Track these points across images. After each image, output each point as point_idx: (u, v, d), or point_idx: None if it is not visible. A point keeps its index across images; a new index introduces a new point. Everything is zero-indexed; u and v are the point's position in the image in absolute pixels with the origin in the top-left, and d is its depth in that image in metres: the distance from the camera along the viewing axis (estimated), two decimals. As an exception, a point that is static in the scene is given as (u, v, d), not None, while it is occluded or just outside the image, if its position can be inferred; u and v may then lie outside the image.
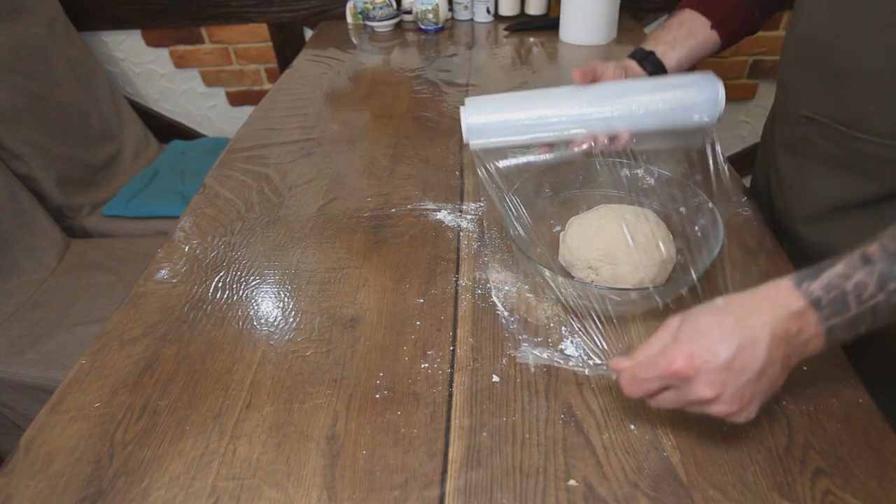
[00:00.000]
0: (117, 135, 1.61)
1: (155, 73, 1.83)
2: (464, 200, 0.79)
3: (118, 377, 0.57)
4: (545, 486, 0.46)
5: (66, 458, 0.50)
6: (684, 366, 0.41)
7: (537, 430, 0.50)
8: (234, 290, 0.66)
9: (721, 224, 0.59)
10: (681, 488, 0.45)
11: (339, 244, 0.73)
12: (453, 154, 0.91)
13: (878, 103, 0.55)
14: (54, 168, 1.38)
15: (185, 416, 0.53)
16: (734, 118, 1.83)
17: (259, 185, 0.85)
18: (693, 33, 0.73)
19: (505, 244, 0.70)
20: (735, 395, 0.41)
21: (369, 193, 0.82)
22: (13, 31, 1.37)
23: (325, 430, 0.51)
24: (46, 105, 1.40)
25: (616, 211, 0.63)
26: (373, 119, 1.03)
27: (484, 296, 0.64)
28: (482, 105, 0.65)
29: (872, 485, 0.44)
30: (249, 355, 0.58)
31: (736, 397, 0.41)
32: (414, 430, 0.50)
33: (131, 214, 1.43)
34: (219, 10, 1.68)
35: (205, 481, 0.47)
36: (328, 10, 1.65)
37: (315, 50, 1.39)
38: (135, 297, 0.66)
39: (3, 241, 1.20)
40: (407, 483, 0.46)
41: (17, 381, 1.04)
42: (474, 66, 1.25)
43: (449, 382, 0.54)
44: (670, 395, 0.43)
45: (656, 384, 0.43)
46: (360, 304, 0.63)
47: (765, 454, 0.47)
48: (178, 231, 0.76)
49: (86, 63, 1.58)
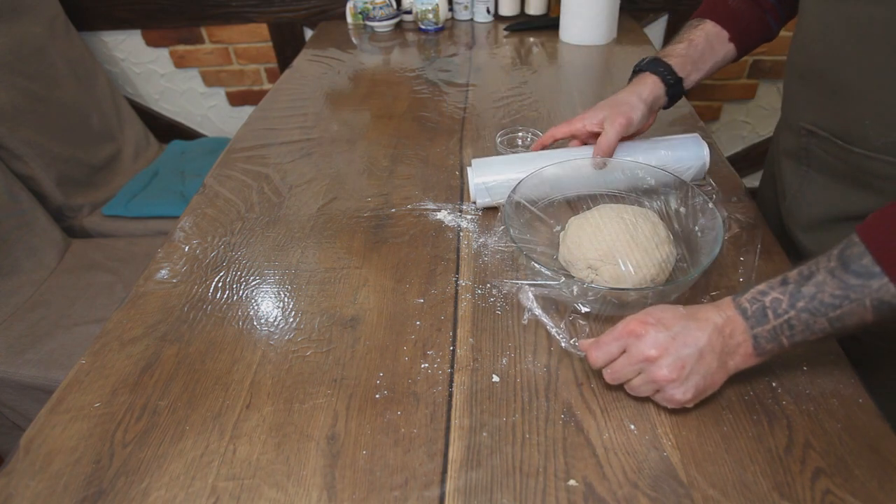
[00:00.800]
0: (117, 135, 1.61)
1: (155, 73, 1.83)
2: (464, 200, 0.79)
3: (118, 377, 0.57)
4: (545, 486, 0.46)
5: (66, 458, 0.50)
6: (637, 325, 0.49)
7: (537, 430, 0.50)
8: (234, 290, 0.66)
9: (721, 224, 0.59)
10: (681, 488, 0.45)
11: (339, 244, 0.73)
12: (453, 154, 0.91)
13: (873, 119, 0.55)
14: (54, 168, 1.38)
15: (185, 416, 0.53)
16: (734, 118, 1.83)
17: (259, 185, 0.86)
18: (714, 48, 0.73)
19: (505, 244, 0.70)
20: (675, 363, 0.47)
21: (369, 193, 0.82)
22: (13, 31, 1.37)
23: (325, 430, 0.51)
24: (46, 105, 1.40)
25: (616, 211, 0.63)
26: (373, 119, 1.03)
27: (484, 296, 0.64)
28: (487, 166, 0.74)
29: (872, 485, 0.44)
30: (249, 355, 0.58)
31: (676, 365, 0.47)
32: (414, 430, 0.50)
33: (131, 214, 1.43)
34: (219, 10, 1.68)
35: (205, 481, 0.47)
36: (328, 10, 1.65)
37: (315, 50, 1.39)
38: (135, 297, 0.66)
39: (3, 241, 1.20)
40: (407, 483, 0.46)
41: (17, 381, 1.04)
42: (474, 66, 1.25)
43: (449, 382, 0.54)
44: (623, 360, 0.49)
45: (615, 346, 0.50)
46: (360, 304, 0.63)
47: (765, 454, 0.47)
48: (178, 231, 0.76)
49: (86, 63, 1.58)
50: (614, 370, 0.50)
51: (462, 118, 1.02)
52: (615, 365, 0.50)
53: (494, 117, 1.01)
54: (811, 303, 0.45)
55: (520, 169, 0.71)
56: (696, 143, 0.75)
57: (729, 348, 0.48)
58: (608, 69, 1.22)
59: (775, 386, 0.52)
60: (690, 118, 0.98)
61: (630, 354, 0.49)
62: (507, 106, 1.05)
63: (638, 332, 0.49)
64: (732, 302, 0.49)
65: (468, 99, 1.09)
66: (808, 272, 0.46)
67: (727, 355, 0.48)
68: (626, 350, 0.49)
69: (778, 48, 1.64)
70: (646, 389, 0.49)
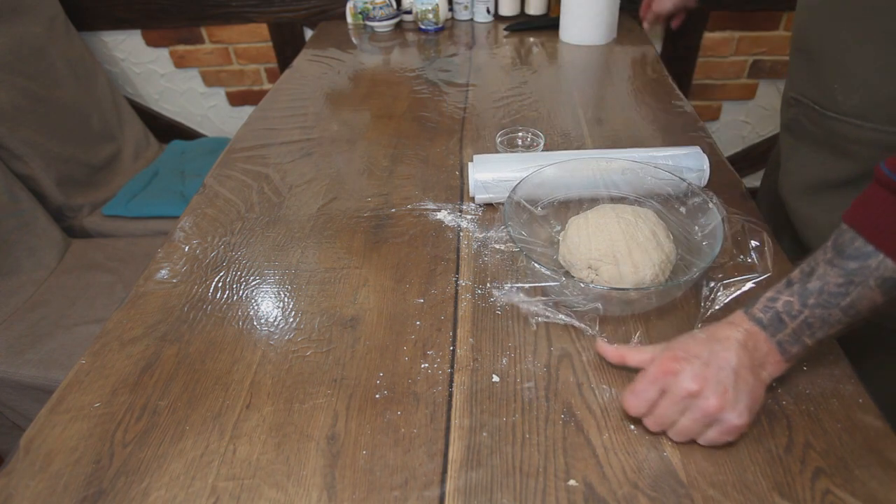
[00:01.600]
0: (117, 135, 1.61)
1: (155, 73, 1.83)
2: (464, 200, 0.79)
3: (118, 377, 0.57)
4: (545, 486, 0.46)
5: (66, 458, 0.50)
6: (669, 363, 0.47)
7: (537, 430, 0.50)
8: (234, 290, 0.66)
9: (721, 224, 0.59)
10: (681, 488, 0.45)
11: (339, 244, 0.73)
12: (453, 154, 0.91)
13: (841, 83, 0.59)
14: (54, 168, 1.38)
15: (185, 416, 0.53)
16: (734, 118, 1.83)
17: (259, 185, 0.86)
18: None
19: (505, 244, 0.70)
20: (718, 389, 0.45)
21: (369, 193, 0.82)
22: (13, 31, 1.37)
23: (325, 430, 0.51)
24: (46, 105, 1.40)
25: (616, 211, 0.63)
26: (373, 119, 1.03)
27: (484, 296, 0.64)
28: (488, 163, 0.74)
29: (872, 485, 0.44)
30: (249, 355, 0.58)
31: (720, 391, 0.45)
32: (414, 430, 0.50)
33: (131, 214, 1.43)
34: (219, 10, 1.68)
35: (205, 481, 0.47)
36: (328, 10, 1.65)
37: (315, 50, 1.39)
38: (135, 297, 0.66)
39: (3, 241, 1.20)
40: (407, 483, 0.46)
41: (17, 381, 1.04)
42: (474, 66, 1.25)
43: (449, 382, 0.54)
44: (666, 401, 0.47)
45: (652, 389, 0.47)
46: (360, 304, 0.63)
47: (765, 454, 0.47)
48: (178, 231, 0.76)
49: (86, 63, 1.58)
50: (659, 415, 0.47)
51: (462, 118, 1.02)
52: (659, 410, 0.47)
53: (494, 117, 1.01)
54: (820, 297, 0.45)
55: (520, 167, 0.72)
56: (696, 155, 0.75)
57: (757, 361, 0.47)
58: (608, 69, 1.22)
59: (775, 386, 0.52)
60: (690, 118, 0.98)
61: (672, 394, 0.46)
62: (507, 106, 1.05)
63: (673, 369, 0.46)
64: (746, 315, 0.48)
65: (468, 99, 1.09)
66: (809, 269, 0.46)
67: (758, 367, 0.47)
68: (666, 391, 0.47)
69: (778, 48, 1.65)
70: (696, 428, 0.46)
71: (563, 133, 0.95)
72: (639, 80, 1.13)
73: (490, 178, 0.74)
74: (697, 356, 0.47)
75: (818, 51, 0.62)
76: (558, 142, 0.93)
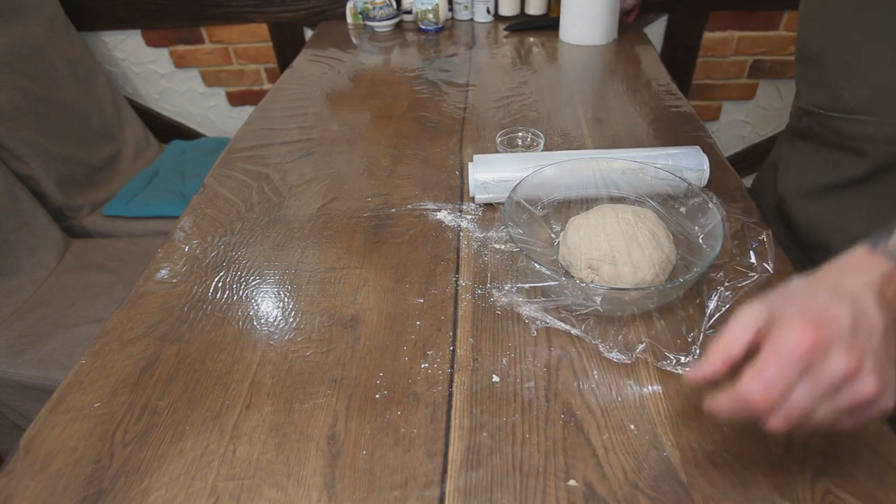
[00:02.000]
0: (117, 135, 1.61)
1: (155, 73, 1.83)
2: (464, 200, 0.79)
3: (118, 377, 0.57)
4: (545, 486, 0.46)
5: (66, 458, 0.50)
6: (815, 335, 0.34)
7: (537, 430, 0.50)
8: (234, 290, 0.66)
9: (721, 224, 0.59)
10: (681, 488, 0.45)
11: (339, 244, 0.73)
12: (453, 154, 0.91)
13: (848, 81, 0.61)
14: (54, 168, 1.38)
15: (185, 416, 0.53)
16: (734, 118, 1.83)
17: (259, 185, 0.86)
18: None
19: (505, 244, 0.70)
20: (877, 365, 0.34)
21: (369, 193, 0.82)
22: (13, 31, 1.37)
23: (325, 430, 0.51)
24: (46, 105, 1.40)
25: (616, 211, 0.63)
26: (373, 119, 1.03)
27: (484, 296, 0.64)
28: (488, 163, 0.75)
29: (872, 485, 0.44)
30: (249, 355, 0.58)
31: (876, 366, 0.34)
32: (414, 430, 0.50)
33: (131, 214, 1.43)
34: (219, 10, 1.68)
35: (205, 481, 0.47)
36: (328, 10, 1.65)
37: (315, 50, 1.39)
38: (135, 297, 0.66)
39: (3, 241, 1.20)
40: (407, 483, 0.46)
41: (17, 381, 1.04)
42: (474, 66, 1.25)
43: (449, 382, 0.54)
44: (808, 387, 0.34)
45: (792, 371, 0.34)
46: (360, 304, 0.63)
47: (765, 454, 0.47)
48: (178, 231, 0.76)
49: (86, 63, 1.58)
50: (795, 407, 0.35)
51: (462, 118, 1.02)
52: (796, 400, 0.35)
53: (494, 117, 1.01)
54: None
55: (520, 167, 0.72)
56: (696, 155, 0.75)
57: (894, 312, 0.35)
58: (608, 69, 1.22)
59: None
60: (690, 118, 0.98)
61: (818, 378, 0.34)
62: (507, 106, 1.05)
63: (821, 344, 0.34)
64: (875, 252, 0.37)
65: (468, 99, 1.09)
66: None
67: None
68: (809, 372, 0.34)
69: (778, 48, 1.65)
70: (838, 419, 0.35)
71: (563, 133, 0.95)
72: (639, 80, 1.13)
73: (490, 178, 0.74)
74: (839, 317, 0.34)
75: (825, 55, 0.63)
76: (558, 142, 0.93)
